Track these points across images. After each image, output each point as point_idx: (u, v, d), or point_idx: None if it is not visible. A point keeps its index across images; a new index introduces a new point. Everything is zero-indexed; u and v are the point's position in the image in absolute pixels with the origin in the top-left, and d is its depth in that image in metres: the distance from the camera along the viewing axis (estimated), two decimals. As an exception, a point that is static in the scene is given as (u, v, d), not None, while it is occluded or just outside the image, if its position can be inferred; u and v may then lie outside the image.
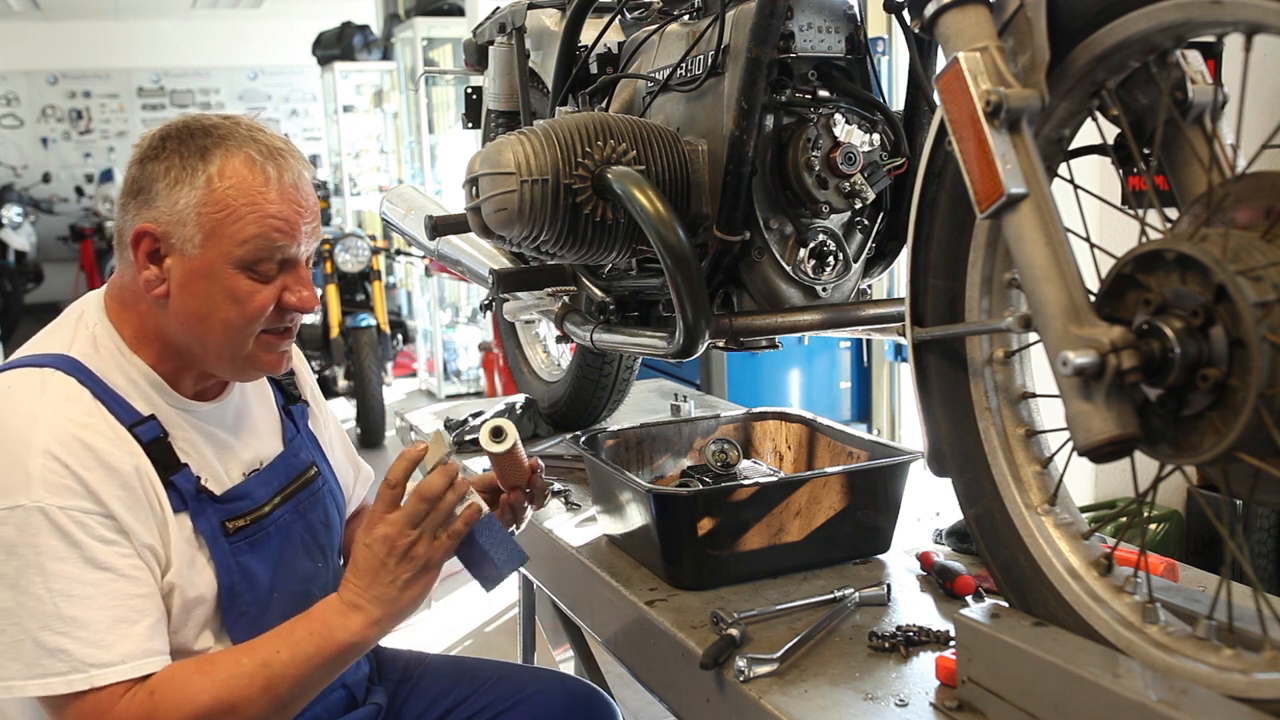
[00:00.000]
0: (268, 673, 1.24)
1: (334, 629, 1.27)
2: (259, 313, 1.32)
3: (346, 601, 1.29)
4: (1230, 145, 1.00)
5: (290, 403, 1.54)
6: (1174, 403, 0.92)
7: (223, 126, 1.31)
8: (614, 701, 1.69)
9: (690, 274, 1.40)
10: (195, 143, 1.29)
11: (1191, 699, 0.90)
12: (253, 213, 1.28)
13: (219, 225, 1.27)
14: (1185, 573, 1.46)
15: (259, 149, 1.30)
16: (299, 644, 1.26)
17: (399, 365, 7.88)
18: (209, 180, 1.27)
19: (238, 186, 1.27)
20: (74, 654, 1.17)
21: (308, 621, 1.28)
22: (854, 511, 1.54)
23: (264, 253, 1.29)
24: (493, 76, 2.09)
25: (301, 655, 1.26)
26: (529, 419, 2.25)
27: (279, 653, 1.25)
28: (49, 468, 1.19)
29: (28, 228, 10.30)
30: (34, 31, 11.11)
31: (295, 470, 1.47)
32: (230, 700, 1.22)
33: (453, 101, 7.37)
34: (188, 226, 1.27)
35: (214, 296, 1.30)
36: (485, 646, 3.65)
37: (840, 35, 1.46)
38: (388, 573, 1.28)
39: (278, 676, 1.24)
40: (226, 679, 1.23)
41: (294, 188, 1.31)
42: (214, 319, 1.30)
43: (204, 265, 1.28)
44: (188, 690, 1.21)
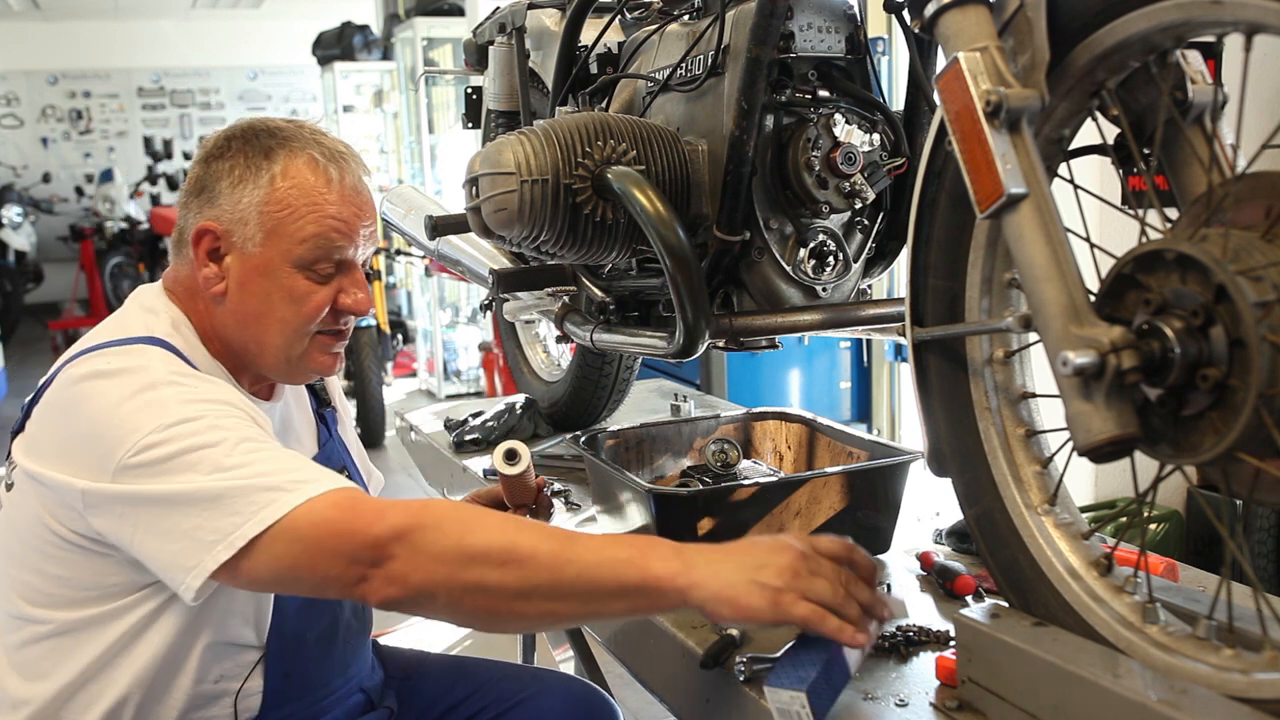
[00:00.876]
0: (566, 553, 1.07)
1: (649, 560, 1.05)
2: (315, 313, 1.34)
3: (688, 556, 1.06)
4: (1230, 145, 1.00)
5: (322, 407, 1.56)
6: (1174, 403, 0.92)
7: (287, 129, 1.34)
8: (614, 701, 1.69)
9: (690, 274, 1.40)
10: (260, 143, 1.31)
11: (1191, 699, 0.90)
12: (313, 212, 1.30)
13: (280, 224, 1.30)
14: (1185, 573, 1.46)
15: (322, 151, 1.32)
16: (605, 550, 1.08)
17: (399, 365, 7.88)
18: (272, 179, 1.30)
19: (300, 186, 1.30)
20: (276, 482, 1.12)
21: (635, 541, 1.12)
22: (854, 511, 1.54)
23: (322, 253, 1.31)
24: (493, 76, 2.09)
25: (607, 562, 1.06)
26: (529, 419, 2.25)
27: (584, 549, 1.08)
28: (177, 390, 1.19)
29: (28, 228, 10.30)
30: (34, 31, 11.11)
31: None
32: (515, 546, 1.07)
33: (453, 101, 7.37)
34: (249, 225, 1.30)
35: (272, 295, 1.31)
36: (485, 646, 3.64)
37: (840, 35, 1.46)
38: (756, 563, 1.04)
39: (570, 567, 1.06)
40: (522, 528, 1.12)
41: (354, 190, 1.34)
42: (271, 317, 1.32)
43: (263, 263, 1.30)
44: (471, 519, 1.10)
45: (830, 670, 1.10)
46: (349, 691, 1.49)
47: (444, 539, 1.09)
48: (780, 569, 1.04)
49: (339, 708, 1.47)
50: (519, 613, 1.10)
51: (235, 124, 1.37)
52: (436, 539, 1.09)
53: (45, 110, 11.53)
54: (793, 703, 1.06)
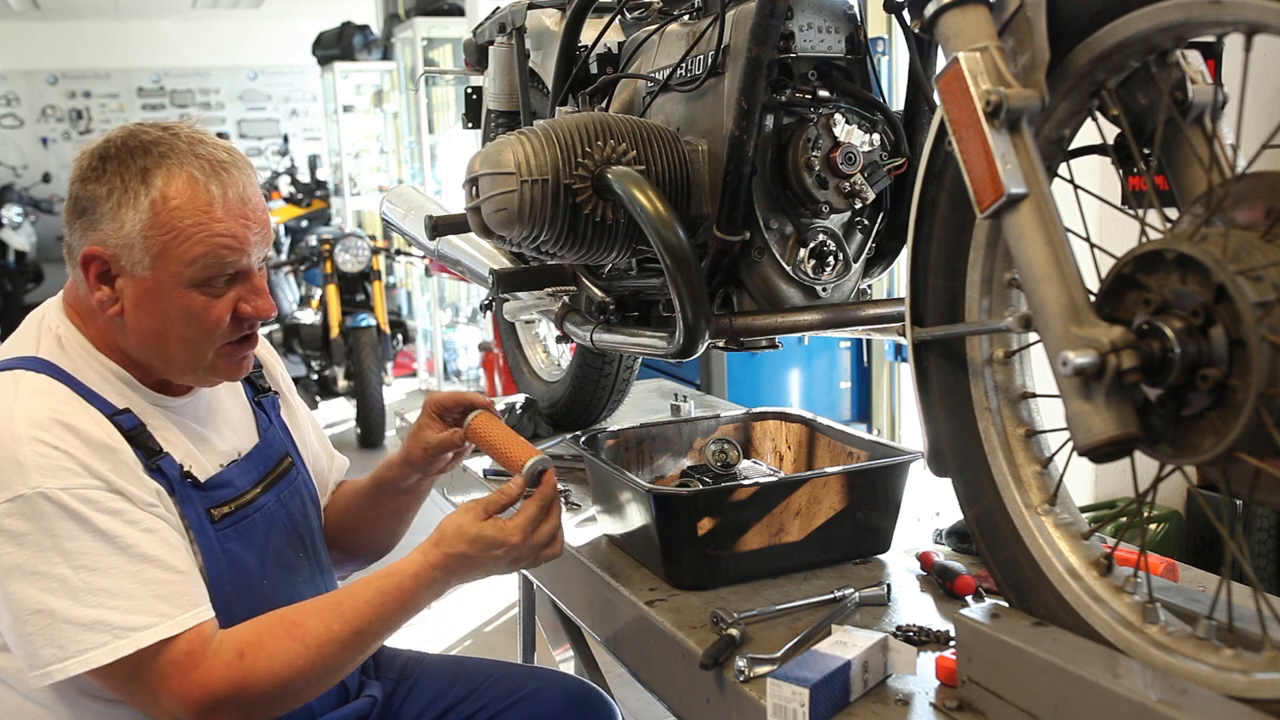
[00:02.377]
0: (361, 640, 1.29)
1: (415, 598, 1.32)
2: (215, 327, 1.32)
3: (434, 569, 1.33)
4: (1230, 145, 1.00)
5: (260, 394, 1.55)
6: (1174, 403, 0.92)
7: (162, 142, 1.29)
8: (614, 701, 1.69)
9: (690, 274, 1.40)
10: (135, 163, 1.28)
11: (1191, 699, 0.90)
12: (199, 232, 1.27)
13: (166, 247, 1.27)
14: (1185, 573, 1.46)
15: (201, 166, 1.28)
16: (387, 610, 1.31)
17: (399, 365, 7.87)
18: (153, 204, 1.26)
19: (182, 208, 1.27)
20: (112, 622, 1.18)
21: (397, 590, 1.32)
22: (854, 511, 1.54)
23: (214, 270, 1.30)
24: (493, 76, 2.09)
25: (389, 618, 1.31)
26: (529, 419, 2.25)
27: (370, 621, 1.29)
28: (39, 452, 1.19)
29: (28, 228, 10.29)
30: (34, 31, 11.10)
31: (272, 460, 1.49)
32: (327, 665, 1.27)
33: (453, 101, 7.36)
34: (135, 250, 1.27)
35: (169, 315, 1.30)
36: (485, 646, 3.65)
37: (840, 35, 1.46)
38: (481, 567, 1.34)
39: (367, 641, 1.30)
40: (320, 645, 1.26)
41: (240, 202, 1.30)
42: (171, 336, 1.31)
43: (155, 286, 1.29)
44: (283, 656, 1.24)
45: (834, 681, 1.12)
46: None
47: (256, 690, 1.23)
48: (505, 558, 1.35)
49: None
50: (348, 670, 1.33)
51: (108, 137, 1.32)
52: (249, 695, 1.22)
53: (45, 110, 11.52)
54: (793, 699, 1.08)
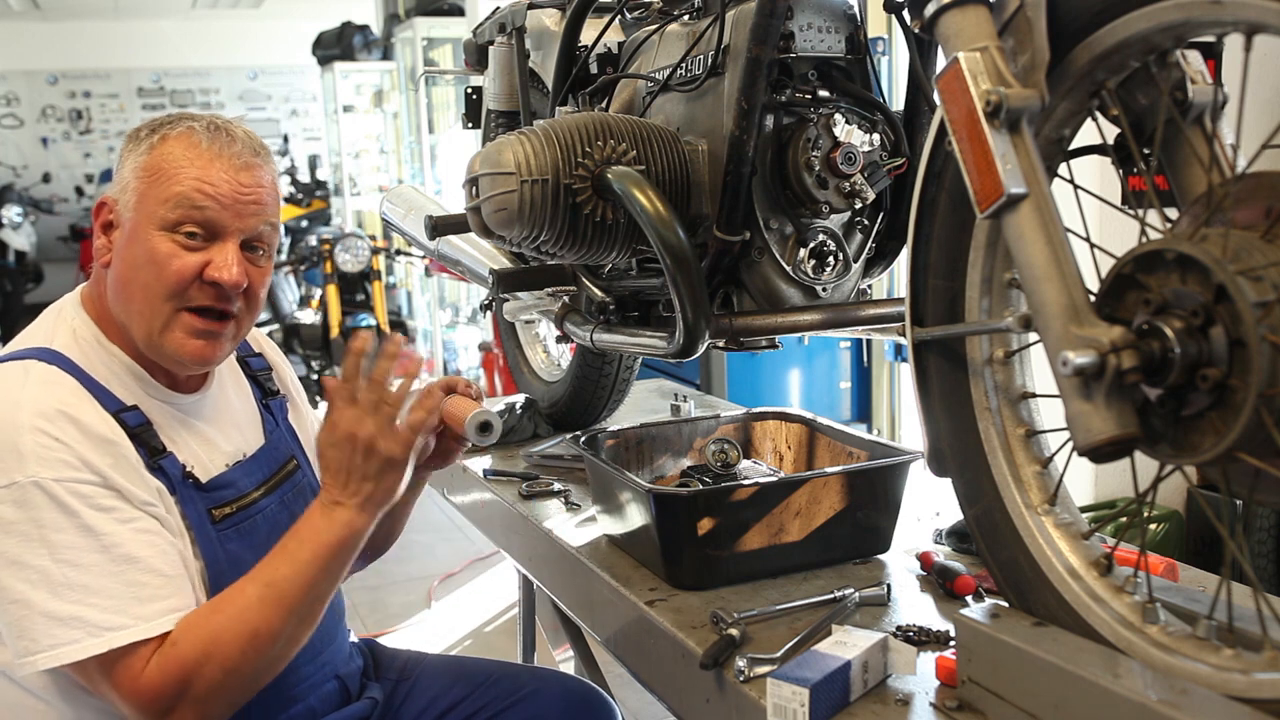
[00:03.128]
0: (275, 591, 1.25)
1: (322, 531, 1.29)
2: (175, 279, 1.30)
3: (326, 503, 1.30)
4: (1230, 145, 1.00)
5: (268, 396, 1.55)
6: (1174, 403, 0.92)
7: (195, 116, 1.36)
8: (614, 701, 1.69)
9: (690, 274, 1.40)
10: (158, 122, 1.35)
11: (1191, 699, 0.90)
12: (181, 173, 1.30)
13: (150, 186, 1.31)
14: (1185, 573, 1.46)
15: (206, 125, 1.34)
16: (294, 556, 1.28)
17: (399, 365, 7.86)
18: (151, 147, 1.32)
19: (173, 152, 1.32)
20: (88, 619, 1.18)
21: (296, 534, 1.30)
22: (854, 511, 1.54)
23: (185, 213, 1.30)
24: (493, 76, 2.09)
25: (301, 564, 1.27)
26: (529, 419, 2.25)
27: (279, 570, 1.27)
28: (39, 443, 1.20)
29: (28, 228, 10.29)
30: (34, 31, 11.10)
31: (277, 462, 1.49)
32: (251, 626, 1.23)
33: (453, 101, 7.36)
34: (127, 190, 1.32)
35: (137, 259, 1.31)
36: (485, 646, 3.65)
37: (840, 35, 1.46)
38: (357, 470, 1.30)
39: (286, 592, 1.26)
40: (240, 610, 1.24)
41: (234, 165, 1.33)
42: (135, 283, 1.31)
43: (134, 227, 1.32)
44: (210, 633, 1.22)
45: (834, 681, 1.12)
46: (323, 678, 1.49)
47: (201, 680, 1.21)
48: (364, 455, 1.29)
49: (313, 695, 1.47)
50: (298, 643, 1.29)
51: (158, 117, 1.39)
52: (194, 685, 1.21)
53: (45, 110, 11.52)
54: (793, 699, 1.08)
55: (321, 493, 1.31)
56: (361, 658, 1.62)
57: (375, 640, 1.73)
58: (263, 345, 1.61)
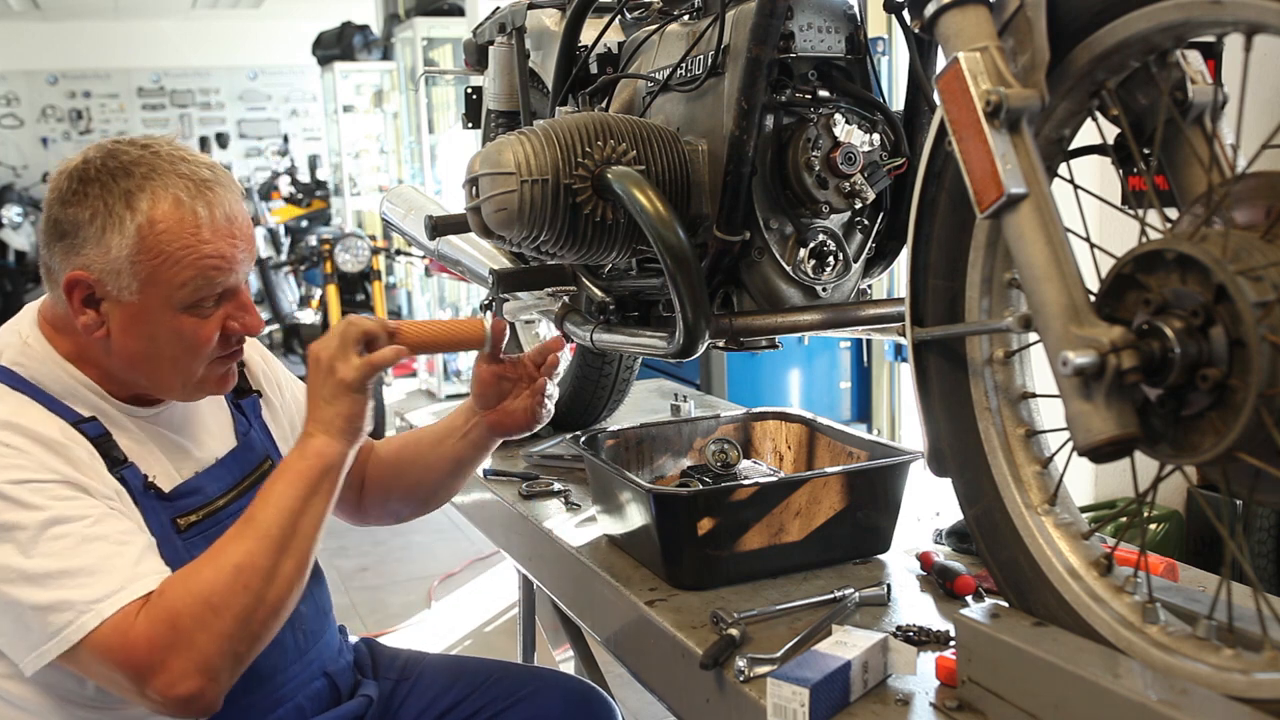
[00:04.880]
0: (252, 526, 1.24)
1: (294, 461, 1.30)
2: (205, 346, 1.32)
3: (301, 435, 1.32)
4: (1230, 145, 1.00)
5: (239, 396, 1.53)
6: (1174, 403, 0.92)
7: (143, 162, 1.27)
8: (614, 701, 1.69)
9: (690, 274, 1.40)
10: (118, 186, 1.26)
11: (1191, 699, 0.90)
12: (188, 255, 1.27)
13: (155, 272, 1.26)
14: (1185, 573, 1.46)
15: (186, 187, 1.27)
16: (269, 490, 1.27)
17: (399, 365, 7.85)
18: (139, 229, 1.25)
19: (170, 231, 1.26)
20: (74, 600, 1.17)
21: (276, 472, 1.31)
22: (854, 511, 1.54)
23: (204, 292, 1.30)
24: (493, 76, 2.09)
25: (275, 495, 1.27)
26: (529, 419, 2.25)
27: (254, 507, 1.26)
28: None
29: (28, 228, 10.28)
30: (34, 31, 11.10)
31: (250, 464, 1.48)
32: (232, 562, 1.21)
33: (453, 101, 7.36)
34: (123, 275, 1.26)
35: (158, 338, 1.30)
36: (485, 646, 3.65)
37: (840, 35, 1.46)
38: (318, 393, 1.32)
39: (262, 524, 1.24)
40: (218, 549, 1.23)
41: (227, 221, 1.30)
42: (161, 358, 1.31)
43: (143, 310, 1.28)
44: (191, 577, 1.21)
45: (834, 681, 1.12)
46: (310, 677, 1.48)
47: (187, 618, 1.18)
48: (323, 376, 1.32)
49: (301, 694, 1.46)
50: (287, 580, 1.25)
51: (86, 157, 1.29)
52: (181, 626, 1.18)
53: (45, 110, 11.51)
54: (793, 699, 1.08)
55: (304, 427, 1.33)
56: (352, 653, 1.61)
57: (375, 640, 1.72)
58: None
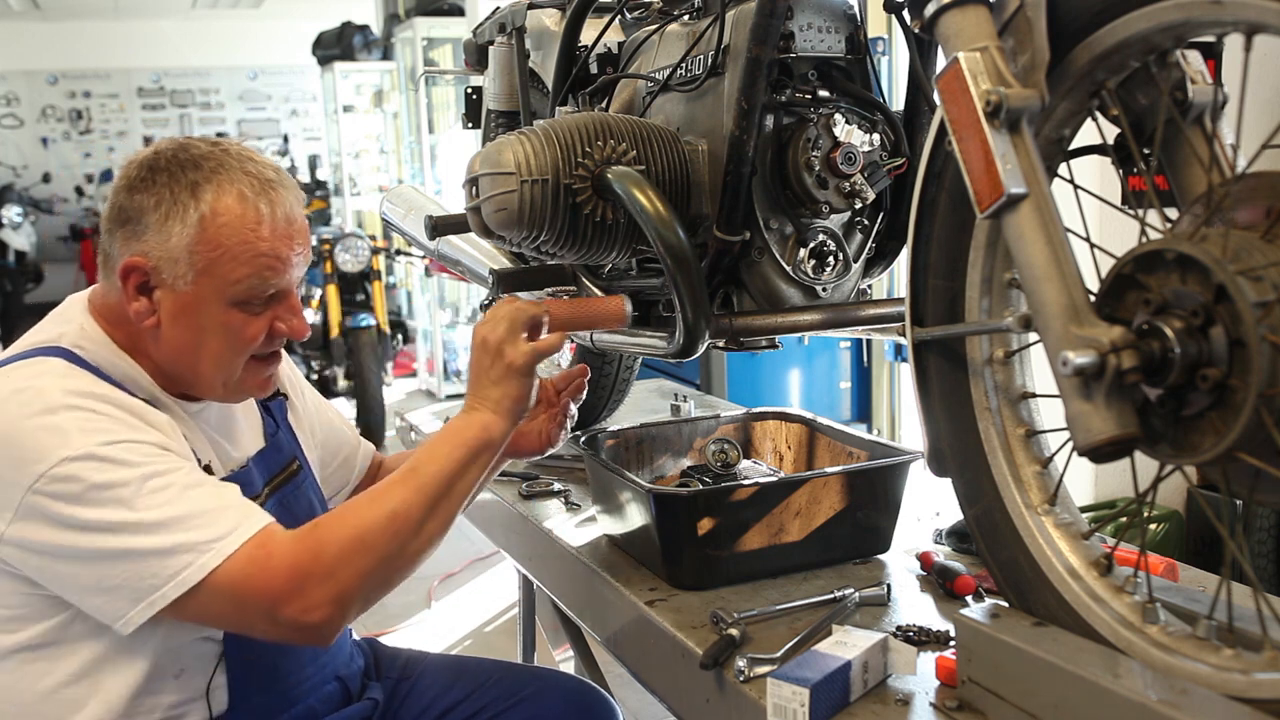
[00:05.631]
0: (415, 476, 1.29)
1: (460, 430, 1.34)
2: (250, 344, 1.33)
3: (465, 408, 1.36)
4: (1230, 145, 1.00)
5: (269, 398, 1.54)
6: (1174, 403, 0.92)
7: (212, 157, 1.30)
8: (614, 701, 1.69)
9: (690, 274, 1.40)
10: (186, 177, 1.28)
11: (1191, 699, 0.90)
12: (246, 251, 1.28)
13: (212, 264, 1.27)
14: (1185, 573, 1.46)
15: (251, 184, 1.29)
16: (434, 448, 1.33)
17: (399, 365, 7.87)
18: (201, 219, 1.26)
19: (231, 225, 1.27)
20: (192, 541, 1.18)
21: (441, 432, 1.35)
22: (854, 511, 1.54)
23: (257, 291, 1.31)
24: (493, 76, 2.09)
25: (440, 456, 1.31)
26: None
27: (419, 459, 1.32)
28: (77, 416, 1.20)
29: (28, 228, 10.29)
30: (34, 31, 11.10)
31: (279, 464, 1.49)
32: (389, 505, 1.26)
33: (453, 101, 7.37)
34: (179, 264, 1.27)
35: (205, 330, 1.31)
36: (485, 646, 3.65)
37: (840, 35, 1.46)
38: (485, 374, 1.35)
39: (424, 477, 1.29)
40: (378, 492, 1.29)
41: (286, 221, 1.31)
42: (205, 351, 1.32)
43: (195, 301, 1.29)
44: (351, 514, 1.26)
45: (834, 681, 1.13)
46: (323, 679, 1.49)
47: (334, 551, 1.21)
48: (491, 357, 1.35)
49: (313, 696, 1.46)
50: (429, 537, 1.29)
51: (158, 149, 1.31)
52: (327, 557, 1.21)
53: (45, 110, 11.51)
54: (793, 699, 1.08)
55: (465, 399, 1.37)
56: (363, 657, 1.62)
57: (376, 640, 1.73)
58: None
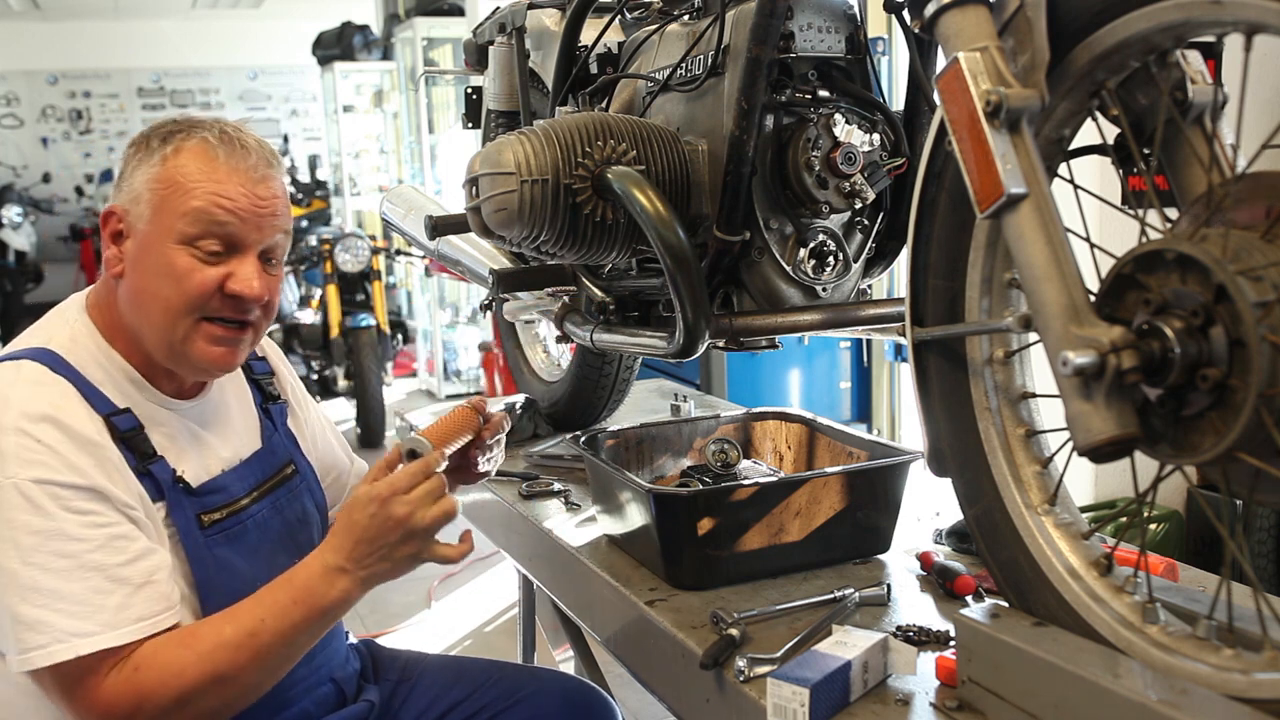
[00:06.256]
0: (255, 642, 1.24)
1: (318, 595, 1.27)
2: (196, 293, 1.30)
3: (332, 566, 1.28)
4: (1230, 145, 1.00)
5: (268, 401, 1.55)
6: (1174, 403, 0.92)
7: (202, 122, 1.35)
8: (614, 701, 1.69)
9: (690, 274, 1.40)
10: (166, 129, 1.34)
11: (1191, 699, 0.90)
12: (198, 187, 1.30)
13: (165, 199, 1.30)
14: (1185, 573, 1.46)
15: (219, 134, 1.33)
16: (285, 612, 1.26)
17: (399, 365, 7.88)
18: (164, 158, 1.31)
19: (188, 164, 1.31)
20: (53, 624, 1.18)
21: (290, 588, 1.27)
22: (854, 511, 1.54)
23: (204, 228, 1.30)
24: (493, 76, 2.09)
25: (288, 623, 1.25)
26: (529, 419, 2.25)
27: (264, 621, 1.25)
28: (20, 443, 1.20)
29: (28, 228, 10.29)
30: (34, 31, 11.10)
31: (273, 467, 1.48)
32: (219, 672, 1.22)
33: (453, 101, 7.37)
34: (141, 203, 1.31)
35: (155, 272, 1.31)
36: (485, 646, 3.65)
37: (840, 35, 1.46)
38: (384, 549, 1.27)
39: (265, 645, 1.24)
40: (211, 650, 1.23)
41: (249, 177, 1.32)
42: (154, 296, 1.31)
43: (150, 239, 1.31)
44: (174, 666, 1.21)
45: (834, 681, 1.12)
46: (317, 681, 1.49)
47: (154, 705, 1.20)
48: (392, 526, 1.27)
49: (307, 698, 1.46)
50: (258, 692, 1.28)
51: (161, 122, 1.38)
52: (146, 709, 1.20)
53: (45, 110, 11.51)
54: (793, 699, 1.08)
55: (328, 554, 1.28)
56: (359, 659, 1.62)
57: (375, 641, 1.73)
58: (267, 349, 1.61)
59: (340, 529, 1.29)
